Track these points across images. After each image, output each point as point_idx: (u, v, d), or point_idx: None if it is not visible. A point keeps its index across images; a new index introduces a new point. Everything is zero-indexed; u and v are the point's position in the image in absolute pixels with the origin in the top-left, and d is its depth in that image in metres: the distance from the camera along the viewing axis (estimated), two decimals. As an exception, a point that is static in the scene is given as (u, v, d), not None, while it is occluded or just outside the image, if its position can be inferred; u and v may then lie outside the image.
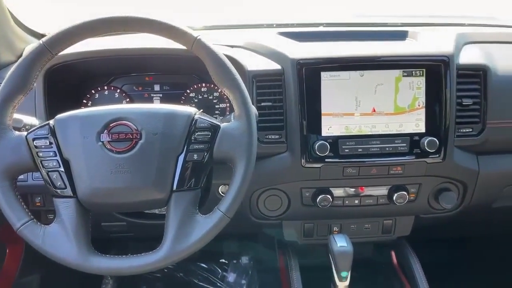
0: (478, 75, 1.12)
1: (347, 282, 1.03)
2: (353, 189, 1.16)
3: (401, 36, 1.26)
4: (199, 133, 0.85)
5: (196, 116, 0.87)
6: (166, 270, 1.79)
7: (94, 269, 0.81)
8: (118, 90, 1.23)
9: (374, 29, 1.33)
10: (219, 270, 1.77)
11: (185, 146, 0.84)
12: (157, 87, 1.25)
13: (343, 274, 1.02)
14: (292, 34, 1.23)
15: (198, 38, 0.86)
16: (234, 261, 1.75)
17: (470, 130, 1.13)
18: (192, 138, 0.85)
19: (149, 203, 0.86)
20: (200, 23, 1.46)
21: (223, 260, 1.79)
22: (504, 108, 1.13)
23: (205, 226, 0.83)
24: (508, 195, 1.24)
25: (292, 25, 1.47)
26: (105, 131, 0.83)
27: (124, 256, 0.83)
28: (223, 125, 0.87)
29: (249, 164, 0.85)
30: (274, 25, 1.45)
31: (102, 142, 0.82)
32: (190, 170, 0.85)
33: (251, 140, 0.85)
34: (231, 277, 1.74)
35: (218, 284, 1.75)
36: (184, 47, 0.88)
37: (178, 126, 0.84)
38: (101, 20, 0.84)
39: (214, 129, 0.86)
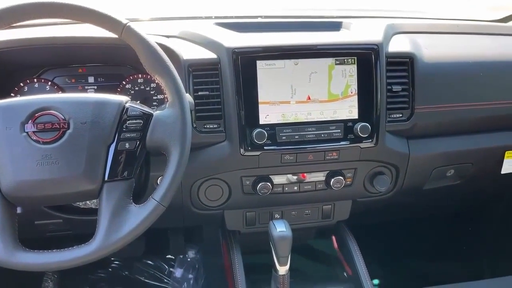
0: (405, 63, 1.18)
1: (287, 266, 1.04)
2: (292, 176, 1.18)
3: (335, 26, 1.30)
4: (130, 121, 0.84)
5: (128, 105, 0.85)
6: (110, 269, 1.75)
7: (21, 265, 0.78)
8: (49, 83, 1.18)
9: (310, 20, 1.36)
10: (166, 266, 1.75)
11: (116, 135, 0.83)
12: (91, 79, 1.21)
13: None
14: (229, 24, 1.24)
15: (127, 25, 0.84)
16: (181, 256, 1.74)
17: (400, 115, 1.18)
18: (124, 126, 0.83)
19: (80, 195, 0.84)
20: (138, 14, 1.43)
21: (170, 256, 1.77)
22: (430, 94, 1.20)
23: (139, 215, 0.82)
24: (437, 177, 1.32)
25: (230, 17, 1.47)
26: (30, 121, 0.79)
27: (54, 250, 0.80)
28: (155, 113, 0.86)
29: (183, 152, 0.84)
30: (213, 17, 1.45)
31: (27, 132, 0.79)
32: (122, 160, 0.83)
33: (185, 127, 0.85)
34: (178, 272, 1.72)
35: (165, 280, 1.73)
36: (115, 36, 0.87)
37: (108, 114, 0.82)
38: (23, 5, 0.80)
39: (147, 117, 0.85)
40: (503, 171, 1.34)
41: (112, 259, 1.75)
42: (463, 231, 1.82)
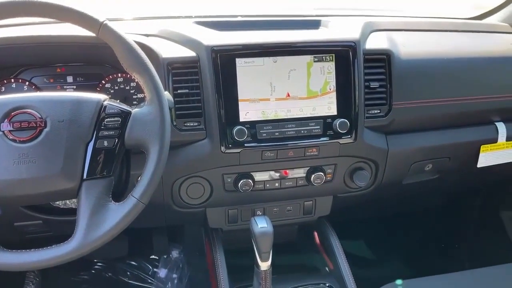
0: (383, 60, 1.19)
1: (268, 262, 1.05)
2: (273, 172, 1.19)
3: (314, 25, 1.31)
4: (108, 119, 0.84)
5: (106, 103, 0.85)
6: (93, 271, 1.73)
7: None
8: (27, 83, 1.16)
9: (289, 19, 1.38)
10: (150, 267, 1.75)
11: (95, 133, 0.83)
12: (70, 79, 1.20)
13: None
14: (208, 23, 1.24)
15: (104, 23, 0.84)
16: (165, 256, 1.74)
17: (378, 111, 1.20)
18: (102, 124, 0.83)
19: (58, 194, 0.83)
20: (119, 14, 1.43)
21: (154, 256, 1.77)
22: (407, 90, 1.22)
23: (118, 213, 0.82)
24: (416, 171, 1.34)
25: (210, 16, 1.48)
26: (6, 120, 0.79)
27: (32, 250, 0.79)
28: (134, 110, 0.86)
29: (162, 149, 0.84)
30: (193, 16, 1.45)
31: (3, 132, 0.78)
32: (101, 158, 0.83)
33: (164, 124, 0.85)
34: (162, 272, 1.72)
35: (149, 280, 1.72)
36: (92, 34, 0.87)
37: (86, 112, 0.82)
38: None
39: (125, 115, 0.85)
40: (479, 165, 1.37)
41: (95, 260, 1.74)
42: (443, 225, 1.85)
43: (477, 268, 1.27)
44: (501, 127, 1.35)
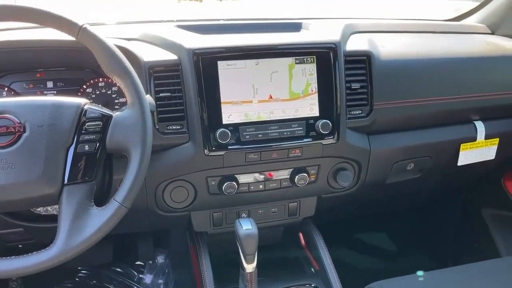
0: (363, 61, 1.21)
1: (254, 264, 1.05)
2: (257, 174, 1.19)
3: (295, 27, 1.32)
4: (89, 123, 0.83)
5: (86, 107, 0.84)
6: (77, 279, 1.71)
7: None
8: (6, 88, 1.15)
9: (270, 22, 1.39)
10: (135, 273, 1.73)
11: (75, 137, 0.82)
12: (50, 84, 1.18)
13: None
14: (190, 26, 1.24)
15: (83, 26, 0.84)
16: (150, 262, 1.72)
17: (360, 112, 1.22)
18: (83, 129, 0.83)
19: (39, 200, 0.82)
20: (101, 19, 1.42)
21: (139, 262, 1.75)
22: (388, 91, 1.24)
23: (101, 218, 0.81)
24: (398, 170, 1.36)
25: (192, 21, 1.48)
26: None
27: (13, 257, 0.78)
28: (115, 114, 0.85)
29: (144, 152, 0.84)
30: (175, 20, 1.45)
31: None
32: (82, 162, 0.82)
33: (145, 127, 0.85)
34: (148, 278, 1.70)
35: (135, 287, 1.71)
36: (72, 38, 0.86)
37: (66, 116, 0.82)
38: None
39: (106, 118, 0.84)
40: (459, 163, 1.39)
41: (79, 268, 1.72)
42: (426, 223, 1.88)
43: (459, 265, 1.29)
44: (480, 126, 1.38)
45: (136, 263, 1.75)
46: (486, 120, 1.40)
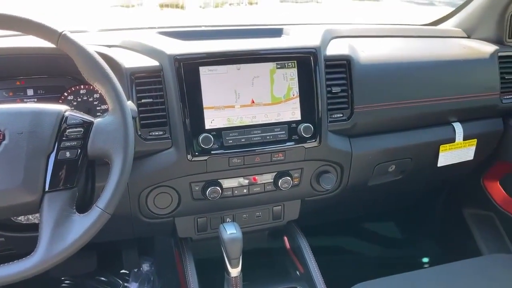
0: (343, 65, 1.23)
1: (239, 268, 1.06)
2: (241, 179, 1.20)
3: (276, 33, 1.34)
4: (70, 130, 0.83)
5: (67, 113, 0.84)
6: (61, 290, 1.68)
7: None
8: (-15, 97, 1.14)
9: (251, 28, 1.40)
10: (120, 282, 1.71)
11: (56, 144, 0.81)
12: (30, 92, 1.17)
13: None
14: (171, 33, 1.25)
15: (63, 33, 0.84)
16: (135, 270, 1.71)
17: (341, 115, 1.24)
18: (64, 135, 0.82)
19: (20, 208, 0.81)
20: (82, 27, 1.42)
21: (124, 271, 1.73)
22: (368, 94, 1.26)
23: (83, 224, 0.81)
24: (380, 173, 1.38)
25: (173, 27, 1.48)
26: None
27: None
28: (96, 120, 0.85)
29: (126, 158, 0.84)
30: (156, 27, 1.46)
31: None
32: (63, 169, 0.82)
33: (127, 133, 0.85)
34: (133, 286, 1.68)
35: (120, 295, 1.69)
36: (52, 45, 0.86)
37: (46, 123, 0.81)
38: None
39: (87, 125, 0.84)
40: (439, 164, 1.42)
41: (63, 278, 1.69)
42: (409, 224, 1.90)
43: (442, 264, 1.31)
44: (458, 127, 1.41)
45: (121, 271, 1.73)
46: (464, 121, 1.43)
